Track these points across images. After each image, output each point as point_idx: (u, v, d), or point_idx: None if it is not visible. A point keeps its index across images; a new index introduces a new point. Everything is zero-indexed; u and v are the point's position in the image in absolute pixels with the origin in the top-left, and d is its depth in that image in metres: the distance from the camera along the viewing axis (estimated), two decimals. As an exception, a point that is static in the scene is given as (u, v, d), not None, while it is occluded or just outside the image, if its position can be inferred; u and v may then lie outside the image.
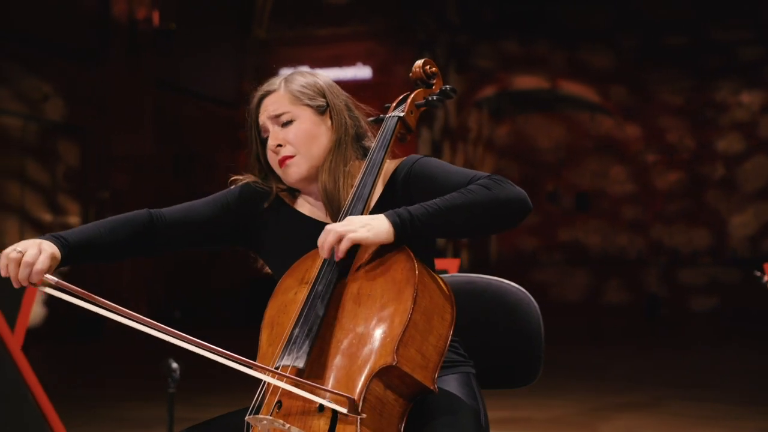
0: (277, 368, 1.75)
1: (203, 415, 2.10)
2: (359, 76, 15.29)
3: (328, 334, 1.79)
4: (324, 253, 1.83)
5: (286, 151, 2.04)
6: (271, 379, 1.72)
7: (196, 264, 13.25)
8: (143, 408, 6.13)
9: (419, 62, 2.22)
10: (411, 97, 2.17)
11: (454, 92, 2.22)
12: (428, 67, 2.22)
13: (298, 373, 1.73)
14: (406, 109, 2.13)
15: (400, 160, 2.07)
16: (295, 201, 2.14)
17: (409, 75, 2.23)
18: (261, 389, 1.78)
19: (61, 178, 11.88)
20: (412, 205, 1.85)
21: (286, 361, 1.74)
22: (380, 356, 1.71)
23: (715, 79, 16.91)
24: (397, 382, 1.74)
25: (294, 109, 2.05)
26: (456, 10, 16.93)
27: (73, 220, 12.02)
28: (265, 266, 2.19)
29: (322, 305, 1.80)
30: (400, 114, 2.12)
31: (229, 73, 15.11)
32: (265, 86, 2.10)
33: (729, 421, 5.76)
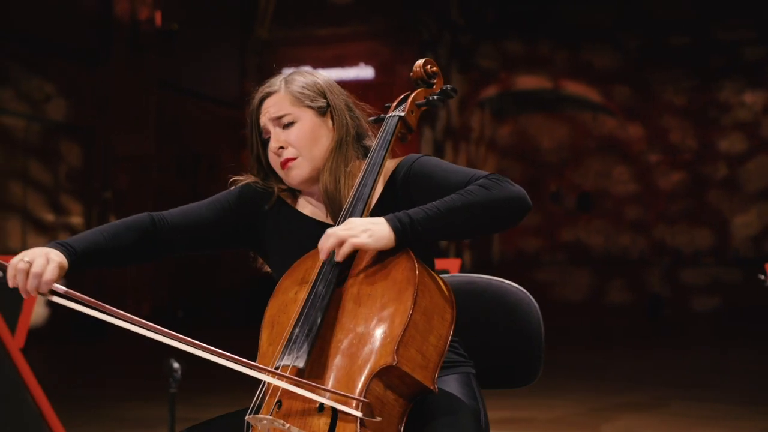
0: (278, 368, 1.75)
1: (204, 415, 2.10)
2: (361, 76, 15.29)
3: (328, 334, 1.79)
4: (323, 256, 1.84)
5: (288, 153, 2.04)
6: (271, 379, 1.72)
7: (198, 264, 13.25)
8: (144, 408, 6.14)
9: (420, 62, 2.22)
10: (412, 97, 2.17)
11: (455, 92, 2.22)
12: (429, 67, 2.22)
13: (298, 372, 1.73)
14: (407, 108, 2.13)
15: (400, 160, 2.07)
16: (296, 201, 2.14)
17: (410, 75, 2.23)
18: (261, 389, 1.78)
19: (64, 179, 11.88)
20: (412, 209, 1.85)
21: (287, 360, 1.74)
22: (380, 356, 1.71)
23: (718, 79, 16.88)
24: (397, 382, 1.74)
25: (295, 111, 2.04)
26: (458, 10, 16.92)
27: (76, 220, 12.02)
28: (265, 265, 2.19)
29: (323, 305, 1.80)
30: (401, 113, 2.12)
31: (232, 74, 15.11)
32: (266, 87, 2.09)
33: (730, 422, 5.75)
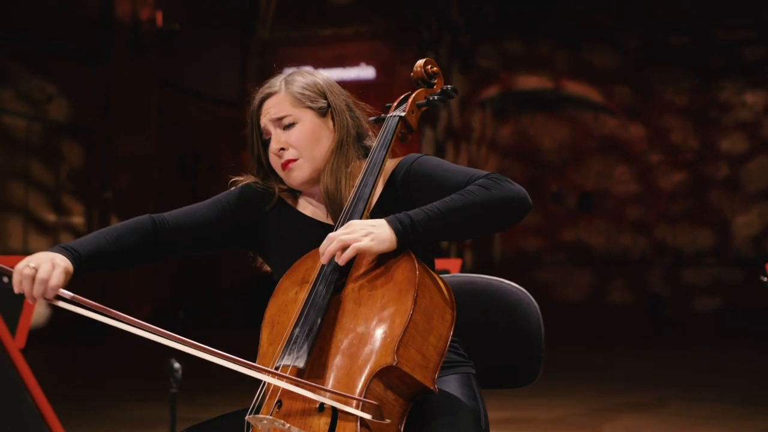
0: (278, 368, 1.75)
1: (205, 415, 2.10)
2: (362, 76, 15.28)
3: (328, 334, 1.79)
4: (325, 260, 1.84)
5: (289, 155, 2.04)
6: (272, 380, 1.73)
7: (199, 265, 13.25)
8: (145, 408, 6.14)
9: (420, 62, 2.22)
10: (412, 97, 2.17)
11: (456, 92, 2.22)
12: (429, 67, 2.22)
13: (298, 372, 1.73)
14: (407, 108, 2.13)
15: (400, 159, 2.07)
16: (296, 202, 2.14)
17: (411, 75, 2.23)
18: (261, 389, 1.78)
19: (65, 179, 11.89)
20: (412, 210, 1.85)
21: (287, 360, 1.74)
22: (380, 356, 1.71)
23: (718, 79, 16.88)
24: (397, 383, 1.74)
25: (296, 112, 2.04)
26: (459, 10, 16.92)
27: (77, 220, 12.03)
28: (264, 264, 2.20)
29: (323, 305, 1.80)
30: (401, 114, 2.12)
31: (233, 74, 15.11)
32: (266, 88, 2.08)
33: (731, 422, 5.75)
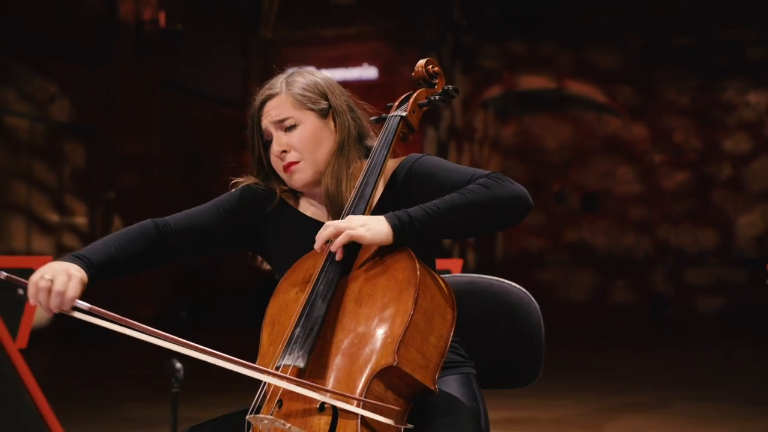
0: (278, 367, 1.75)
1: (207, 415, 2.10)
2: (365, 76, 15.29)
3: (329, 334, 1.79)
4: (318, 246, 1.83)
5: (291, 157, 2.03)
6: (272, 380, 1.72)
7: (201, 265, 13.25)
8: (147, 408, 6.14)
9: (422, 62, 2.22)
10: (413, 97, 2.16)
11: (457, 92, 2.21)
12: (431, 67, 2.22)
13: (299, 372, 1.73)
14: (409, 108, 2.13)
15: (401, 159, 2.06)
16: (297, 203, 2.13)
17: (412, 75, 2.23)
18: (262, 389, 1.78)
19: (68, 179, 11.90)
20: (412, 207, 1.85)
21: (287, 360, 1.74)
22: (381, 356, 1.71)
23: (721, 79, 16.87)
24: (397, 383, 1.74)
25: (297, 114, 2.03)
26: (461, 11, 16.92)
27: (80, 220, 12.04)
28: (264, 263, 2.19)
29: (324, 305, 1.80)
30: (403, 113, 2.11)
31: (235, 74, 15.12)
32: (267, 89, 2.07)
33: (733, 422, 5.74)
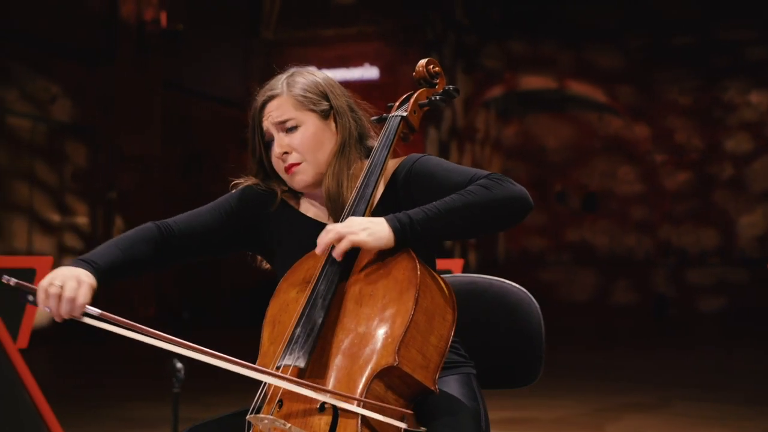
0: (279, 367, 1.75)
1: (208, 415, 2.10)
2: (366, 76, 15.28)
3: (329, 334, 1.79)
4: (319, 250, 1.83)
5: (293, 159, 2.03)
6: (273, 380, 1.72)
7: (202, 265, 13.25)
8: (148, 408, 6.14)
9: (422, 62, 2.22)
10: (414, 97, 2.16)
11: (457, 92, 2.21)
12: (431, 67, 2.22)
13: (299, 372, 1.73)
14: (409, 108, 2.13)
15: (401, 159, 2.06)
16: (298, 203, 2.13)
17: (413, 75, 2.22)
18: (262, 389, 1.78)
19: (69, 179, 11.90)
20: (412, 209, 1.85)
21: (288, 360, 1.74)
22: (381, 357, 1.71)
23: (723, 79, 16.85)
24: (398, 383, 1.74)
25: (298, 115, 2.03)
26: (463, 11, 16.92)
27: (81, 220, 12.04)
28: (263, 261, 2.20)
29: (324, 305, 1.80)
30: (403, 113, 2.11)
31: (237, 74, 15.12)
32: (268, 90, 2.07)
33: (735, 422, 5.74)
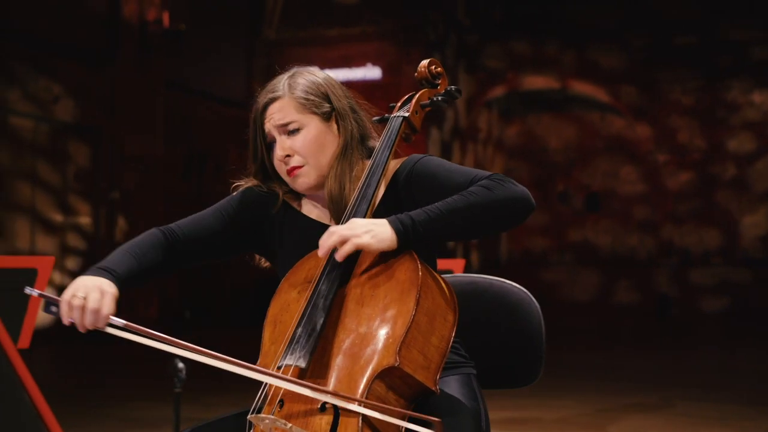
0: (280, 367, 1.75)
1: (209, 415, 2.11)
2: (369, 76, 15.28)
3: (330, 334, 1.79)
4: (322, 253, 1.83)
5: (295, 162, 2.03)
6: (274, 381, 1.72)
7: (206, 265, 13.25)
8: (150, 408, 6.14)
9: (424, 62, 2.22)
10: (416, 98, 2.16)
11: (459, 93, 2.21)
12: (433, 68, 2.21)
13: (300, 372, 1.73)
14: (411, 109, 2.12)
15: (403, 160, 2.06)
16: (300, 205, 2.13)
17: (414, 75, 2.22)
18: (263, 389, 1.78)
19: (72, 179, 11.90)
20: (414, 210, 1.85)
21: (289, 360, 1.74)
22: (383, 357, 1.71)
23: (725, 79, 16.83)
24: (398, 383, 1.74)
25: (300, 118, 2.02)
26: (465, 11, 16.92)
27: (84, 220, 12.05)
28: (263, 260, 2.20)
29: (325, 305, 1.80)
30: (405, 114, 2.11)
31: (239, 74, 15.12)
32: (269, 92, 2.06)
33: (737, 422, 5.74)
